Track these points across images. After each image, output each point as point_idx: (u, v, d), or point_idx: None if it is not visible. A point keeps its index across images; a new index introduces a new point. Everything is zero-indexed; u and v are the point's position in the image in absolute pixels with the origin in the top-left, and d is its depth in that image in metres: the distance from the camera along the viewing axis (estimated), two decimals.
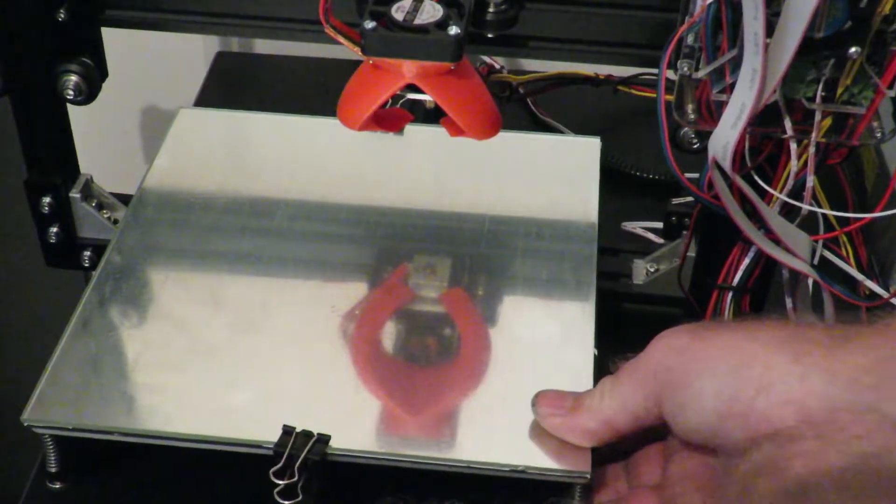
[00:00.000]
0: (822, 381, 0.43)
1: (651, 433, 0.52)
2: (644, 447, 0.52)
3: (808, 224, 0.61)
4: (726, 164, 0.58)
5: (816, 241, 0.61)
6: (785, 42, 0.53)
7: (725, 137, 0.57)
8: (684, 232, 0.69)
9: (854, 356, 0.43)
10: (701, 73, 0.58)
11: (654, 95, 0.62)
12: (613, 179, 0.78)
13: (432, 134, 0.69)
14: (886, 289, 0.60)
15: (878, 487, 0.43)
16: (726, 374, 0.45)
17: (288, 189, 0.66)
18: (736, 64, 0.56)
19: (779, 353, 0.45)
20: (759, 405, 0.44)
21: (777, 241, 0.60)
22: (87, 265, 0.73)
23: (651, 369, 0.48)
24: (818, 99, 0.57)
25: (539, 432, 0.51)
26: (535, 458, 0.50)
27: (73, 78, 0.66)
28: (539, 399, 0.52)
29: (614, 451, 0.53)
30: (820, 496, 0.43)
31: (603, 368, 0.54)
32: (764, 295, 0.63)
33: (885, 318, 0.45)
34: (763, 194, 0.60)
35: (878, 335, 0.44)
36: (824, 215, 0.61)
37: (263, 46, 1.02)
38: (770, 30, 0.53)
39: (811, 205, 0.59)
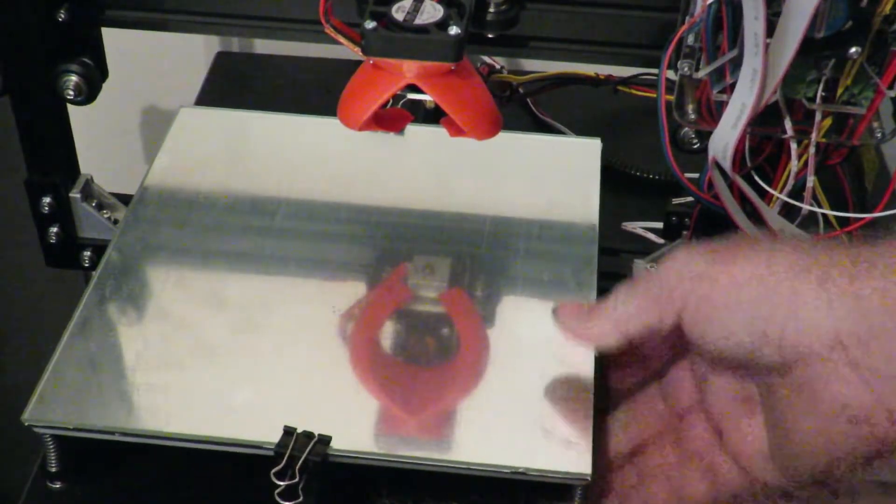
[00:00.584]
0: (848, 306, 0.43)
1: (670, 352, 0.53)
2: (673, 370, 0.54)
3: (809, 224, 0.61)
4: (726, 164, 0.58)
5: None
6: (785, 42, 0.53)
7: (725, 137, 0.57)
8: (684, 232, 0.69)
9: (878, 279, 0.43)
10: (701, 74, 0.58)
11: (655, 95, 0.62)
12: (613, 179, 0.78)
13: (432, 134, 0.69)
14: None
15: None
16: (753, 303, 0.46)
17: (288, 189, 0.66)
18: (736, 64, 0.56)
19: (804, 279, 0.45)
20: (789, 333, 0.44)
21: None
22: (87, 265, 0.73)
23: (666, 287, 0.48)
24: (818, 99, 0.58)
25: (540, 434, 0.52)
26: (536, 459, 0.50)
27: (73, 78, 0.66)
28: (559, 309, 0.53)
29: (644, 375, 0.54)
30: (858, 418, 0.44)
31: (603, 368, 0.54)
32: None
33: None
34: (763, 194, 0.60)
35: None
36: (824, 215, 0.61)
37: (263, 46, 1.02)
38: (770, 30, 0.53)
39: (811, 205, 0.60)
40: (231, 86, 0.96)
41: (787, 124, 0.59)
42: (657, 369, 0.54)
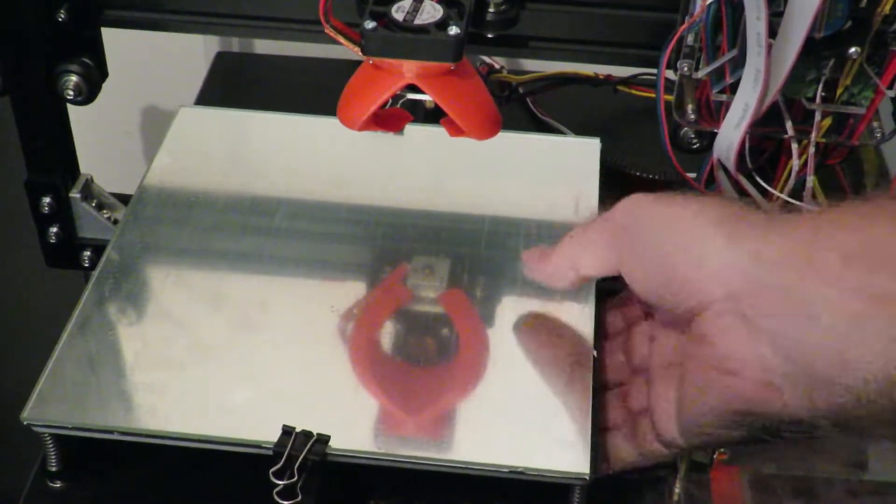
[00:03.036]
0: (747, 262, 0.45)
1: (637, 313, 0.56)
2: (635, 326, 0.56)
3: None
4: (730, 164, 0.58)
5: None
6: (788, 43, 0.53)
7: (729, 138, 0.57)
8: None
9: (780, 240, 0.45)
10: (701, 74, 0.58)
11: (654, 95, 0.62)
12: (613, 179, 0.78)
13: (432, 134, 0.69)
14: None
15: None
16: (671, 244, 0.48)
17: (288, 189, 0.66)
18: (736, 64, 0.57)
19: (717, 231, 0.46)
20: (693, 277, 0.47)
21: None
22: (87, 265, 0.73)
23: (615, 224, 0.52)
24: (818, 99, 0.58)
25: (538, 433, 0.52)
26: (535, 458, 0.50)
27: (73, 78, 0.66)
28: (524, 254, 0.57)
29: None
30: (734, 370, 0.45)
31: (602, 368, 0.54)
32: None
33: (823, 207, 0.49)
34: (764, 193, 0.60)
35: (808, 222, 0.45)
36: None
37: (263, 46, 1.02)
38: (771, 31, 0.53)
39: (811, 204, 0.60)
40: (231, 86, 0.96)
41: (788, 124, 0.59)
42: (629, 322, 0.57)
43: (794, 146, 0.59)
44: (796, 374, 0.43)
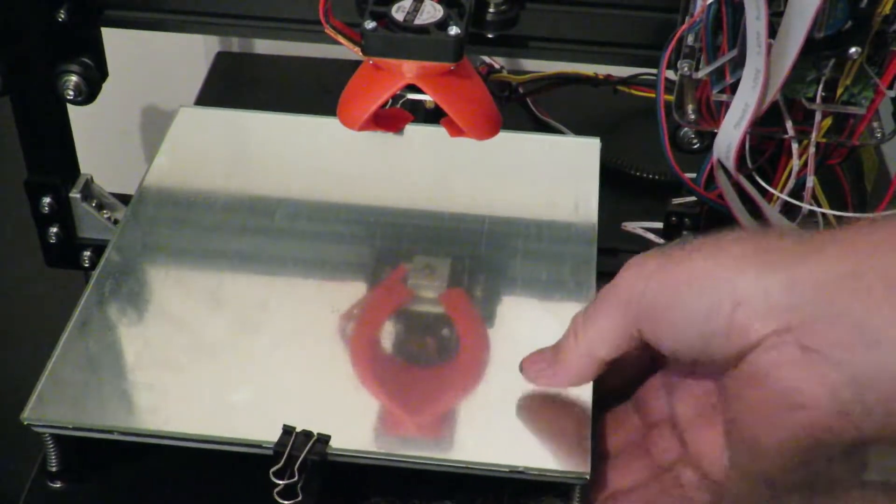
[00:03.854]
0: (791, 291, 0.43)
1: (649, 363, 0.53)
2: (647, 381, 0.53)
3: (809, 224, 0.61)
4: (730, 165, 0.58)
5: None
6: (788, 43, 0.53)
7: (728, 138, 0.57)
8: (685, 232, 0.69)
9: (818, 267, 0.43)
10: (701, 74, 0.58)
11: (654, 95, 0.62)
12: (613, 179, 0.78)
13: (432, 134, 0.69)
14: None
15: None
16: (700, 295, 0.45)
17: (288, 189, 0.66)
18: (736, 64, 0.57)
19: (746, 267, 0.44)
20: (737, 320, 0.44)
21: None
22: (87, 265, 0.73)
23: (624, 297, 0.48)
24: (818, 99, 0.58)
25: (538, 432, 0.52)
26: (535, 458, 0.50)
27: (73, 78, 0.66)
28: (524, 364, 0.52)
29: (622, 392, 0.54)
30: (803, 404, 0.43)
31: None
32: None
33: (862, 225, 0.44)
34: (764, 194, 0.60)
35: (848, 244, 0.43)
36: (824, 215, 0.61)
37: (263, 46, 1.02)
38: (771, 31, 0.53)
39: (811, 204, 0.60)
40: (231, 86, 0.96)
41: (788, 124, 0.59)
42: (632, 381, 0.54)
43: (795, 146, 0.59)
44: (868, 399, 0.41)
